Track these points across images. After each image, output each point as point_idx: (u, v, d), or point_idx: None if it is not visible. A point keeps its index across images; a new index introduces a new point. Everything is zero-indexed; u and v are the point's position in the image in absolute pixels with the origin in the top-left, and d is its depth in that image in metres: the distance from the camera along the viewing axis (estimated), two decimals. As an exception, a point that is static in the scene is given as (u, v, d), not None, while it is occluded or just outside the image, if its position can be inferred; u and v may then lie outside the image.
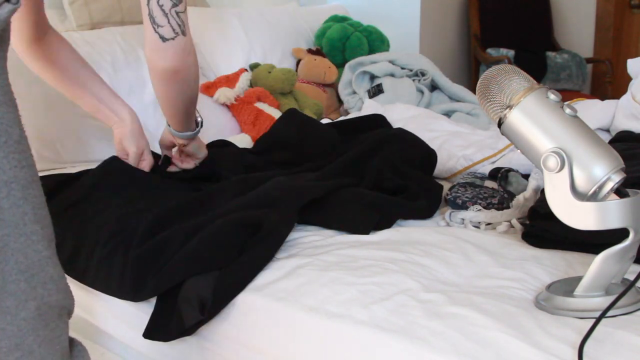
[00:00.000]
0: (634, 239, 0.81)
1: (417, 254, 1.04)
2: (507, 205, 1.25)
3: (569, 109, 0.83)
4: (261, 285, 1.00)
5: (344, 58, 2.52)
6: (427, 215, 1.27)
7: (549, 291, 0.88)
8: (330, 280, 0.97)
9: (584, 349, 0.74)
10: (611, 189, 0.81)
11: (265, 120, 2.05)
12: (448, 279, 0.98)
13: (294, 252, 1.08)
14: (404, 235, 1.15)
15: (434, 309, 0.87)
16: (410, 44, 3.07)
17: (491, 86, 0.86)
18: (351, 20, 2.69)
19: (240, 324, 0.99)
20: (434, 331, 0.82)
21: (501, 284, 0.95)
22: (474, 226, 1.22)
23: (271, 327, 0.95)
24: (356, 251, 1.07)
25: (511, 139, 0.87)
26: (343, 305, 0.90)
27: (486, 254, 1.06)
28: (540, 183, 1.24)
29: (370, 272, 0.98)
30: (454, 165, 1.55)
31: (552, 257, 1.03)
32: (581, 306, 0.83)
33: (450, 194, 1.29)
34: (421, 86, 2.30)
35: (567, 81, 3.47)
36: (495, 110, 0.87)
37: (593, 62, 3.72)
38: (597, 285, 0.83)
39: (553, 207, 0.82)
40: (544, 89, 0.85)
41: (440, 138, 1.66)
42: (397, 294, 0.91)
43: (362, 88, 2.31)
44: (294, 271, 1.01)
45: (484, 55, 3.41)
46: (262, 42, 2.38)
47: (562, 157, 0.80)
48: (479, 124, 2.00)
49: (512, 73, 0.86)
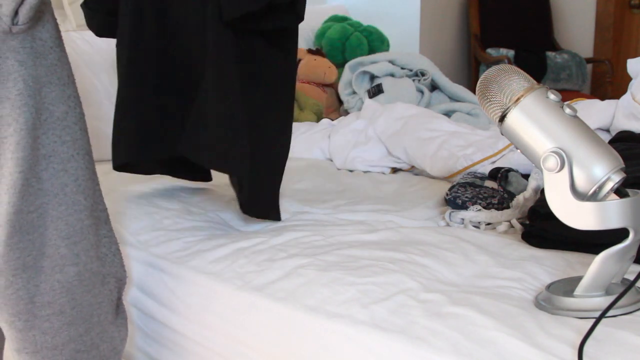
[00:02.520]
0: (634, 239, 0.81)
1: (417, 254, 1.04)
2: (507, 205, 1.25)
3: (569, 109, 0.83)
4: (261, 285, 1.00)
5: (344, 58, 2.52)
6: None
7: (549, 291, 0.88)
8: (330, 280, 0.97)
9: (584, 349, 0.74)
10: (611, 189, 0.81)
11: (265, 120, 2.05)
12: (448, 279, 0.98)
13: (294, 252, 1.08)
14: (404, 235, 1.15)
15: (434, 309, 0.87)
16: (410, 44, 3.07)
17: (491, 86, 0.86)
18: (351, 20, 2.69)
19: (240, 324, 0.99)
20: (434, 331, 0.82)
21: (501, 284, 0.95)
22: (474, 226, 1.22)
23: (271, 327, 0.95)
24: (356, 251, 1.07)
25: (511, 139, 0.87)
26: (343, 305, 0.90)
27: (486, 254, 1.06)
28: (540, 183, 1.24)
29: (370, 272, 0.98)
30: (454, 165, 1.55)
31: (552, 257, 1.03)
32: (581, 306, 0.83)
33: (450, 193, 1.29)
34: (421, 86, 2.29)
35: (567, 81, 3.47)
36: (495, 110, 0.86)
37: (593, 62, 3.72)
38: (597, 285, 0.83)
39: (553, 207, 0.82)
40: (543, 89, 0.85)
41: (440, 138, 1.66)
42: (397, 294, 0.91)
43: (362, 88, 2.31)
44: (294, 271, 1.01)
45: (484, 55, 3.41)
46: (262, 42, 2.38)
47: (562, 157, 0.80)
48: (479, 124, 2.00)
49: (512, 73, 0.86)
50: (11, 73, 0.81)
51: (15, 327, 0.88)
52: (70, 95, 0.89)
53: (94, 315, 0.93)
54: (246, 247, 1.13)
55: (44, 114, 0.85)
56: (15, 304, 0.87)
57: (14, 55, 0.81)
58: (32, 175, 0.84)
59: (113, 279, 0.97)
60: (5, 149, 0.83)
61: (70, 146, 0.88)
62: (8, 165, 0.83)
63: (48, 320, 0.89)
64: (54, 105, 0.86)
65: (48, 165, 0.86)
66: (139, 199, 1.37)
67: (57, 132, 0.86)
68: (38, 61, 0.84)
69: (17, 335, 0.89)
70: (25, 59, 0.82)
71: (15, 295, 0.86)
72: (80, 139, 0.90)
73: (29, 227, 0.85)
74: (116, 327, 0.98)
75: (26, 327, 0.88)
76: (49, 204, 0.86)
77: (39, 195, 0.85)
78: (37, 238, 0.86)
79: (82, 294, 0.91)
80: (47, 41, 0.86)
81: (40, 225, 0.86)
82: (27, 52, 0.82)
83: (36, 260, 0.86)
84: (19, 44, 0.81)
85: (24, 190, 0.84)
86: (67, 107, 0.88)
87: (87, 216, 0.90)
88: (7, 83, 0.81)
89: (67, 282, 0.89)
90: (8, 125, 0.82)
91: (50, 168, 0.86)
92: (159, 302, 1.11)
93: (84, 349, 0.93)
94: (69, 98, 0.89)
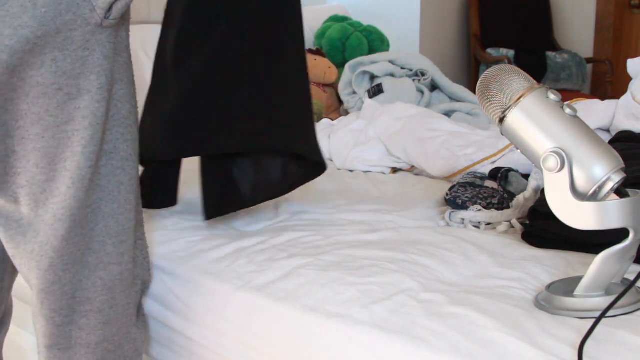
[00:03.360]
0: (634, 239, 0.81)
1: (417, 254, 1.04)
2: (507, 205, 1.25)
3: (569, 109, 0.83)
4: (261, 285, 1.00)
5: (344, 58, 2.52)
6: None
7: (549, 291, 0.88)
8: (330, 280, 0.97)
9: (584, 349, 0.74)
10: (611, 189, 0.81)
11: (265, 120, 2.05)
12: (448, 279, 0.98)
13: (294, 252, 1.08)
14: (404, 235, 1.15)
15: (434, 309, 0.87)
16: (410, 44, 3.07)
17: (491, 86, 0.86)
18: (351, 20, 2.69)
19: (240, 324, 0.99)
20: (434, 331, 0.82)
21: (501, 284, 0.95)
22: (474, 226, 1.22)
23: (271, 327, 0.95)
24: (356, 251, 1.07)
25: (511, 138, 0.87)
26: (343, 305, 0.90)
27: (486, 254, 1.06)
28: (540, 183, 1.24)
29: (370, 272, 0.98)
30: (454, 165, 1.55)
31: (552, 257, 1.03)
32: (581, 306, 0.83)
33: (450, 194, 1.29)
34: (421, 86, 2.29)
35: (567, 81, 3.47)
36: (495, 110, 0.86)
37: (593, 62, 3.72)
38: (597, 285, 0.83)
39: (553, 207, 0.82)
40: (544, 88, 0.85)
41: (441, 138, 1.66)
42: (397, 294, 0.91)
43: (362, 88, 2.30)
44: (294, 271, 1.01)
45: (484, 55, 3.41)
46: (262, 42, 2.38)
47: (562, 157, 0.80)
48: (479, 124, 1.99)
49: (512, 73, 0.86)
50: (96, 67, 0.81)
51: (54, 322, 0.88)
52: (133, 94, 0.90)
53: (125, 315, 0.93)
54: (246, 247, 1.13)
55: (112, 110, 0.85)
56: (59, 300, 0.87)
57: (101, 49, 0.81)
58: (94, 170, 0.84)
59: (140, 281, 0.97)
60: (75, 141, 0.82)
61: (129, 145, 0.88)
62: (76, 158, 0.82)
63: (86, 316, 0.89)
64: (121, 102, 0.87)
65: (108, 161, 0.86)
66: (139, 199, 1.37)
67: (121, 130, 0.87)
68: (116, 58, 0.84)
69: (54, 331, 0.89)
70: (110, 54, 0.82)
71: (60, 291, 0.86)
72: (136, 140, 0.91)
73: (84, 222, 0.85)
74: (138, 329, 0.98)
75: (64, 322, 0.88)
76: (103, 200, 0.86)
77: (96, 190, 0.85)
78: (87, 233, 0.86)
79: (120, 294, 0.91)
80: (125, 39, 0.87)
81: (92, 221, 0.86)
82: (111, 47, 0.82)
83: (83, 255, 0.86)
84: (107, 38, 0.81)
85: (88, 185, 0.84)
86: (131, 106, 0.89)
87: (134, 217, 0.91)
88: (90, 76, 0.81)
89: (109, 281, 0.89)
90: (83, 118, 0.81)
91: (109, 165, 0.86)
92: (158, 302, 1.11)
93: (113, 349, 0.93)
94: (133, 97, 0.90)
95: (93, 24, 0.79)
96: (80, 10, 0.78)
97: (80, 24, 0.78)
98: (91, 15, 0.79)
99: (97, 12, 0.79)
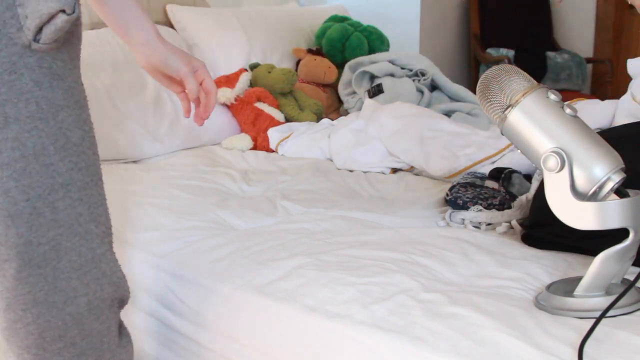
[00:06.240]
0: (634, 239, 0.81)
1: (417, 254, 1.04)
2: (509, 205, 1.25)
3: (569, 109, 0.83)
4: (261, 285, 1.00)
5: (344, 58, 2.52)
6: None
7: (549, 291, 0.88)
8: (330, 280, 0.97)
9: (584, 349, 0.74)
10: (611, 189, 0.81)
11: (265, 120, 2.05)
12: (448, 279, 0.98)
13: (294, 252, 1.08)
14: (404, 235, 1.15)
15: (433, 309, 0.87)
16: (410, 44, 3.07)
17: (491, 86, 0.86)
18: (351, 20, 2.69)
19: (241, 323, 0.99)
20: (434, 331, 0.82)
21: (501, 284, 0.95)
22: (474, 226, 1.22)
23: (271, 327, 0.95)
24: (356, 251, 1.07)
25: (511, 138, 0.87)
26: (343, 305, 0.90)
27: (486, 254, 1.06)
28: (541, 184, 1.24)
29: (370, 272, 0.98)
30: (454, 165, 1.55)
31: (552, 257, 1.03)
32: (581, 306, 0.83)
33: (450, 194, 1.29)
34: (421, 86, 2.29)
35: (567, 81, 3.47)
36: (496, 110, 0.86)
37: (593, 62, 3.72)
38: (597, 286, 0.83)
39: (553, 207, 0.82)
40: (544, 88, 0.85)
41: (441, 138, 1.66)
42: (397, 294, 0.91)
43: (362, 88, 2.30)
44: (294, 271, 1.01)
45: (484, 55, 3.41)
46: (262, 42, 2.38)
47: (562, 157, 0.80)
48: (479, 124, 1.99)
49: (512, 73, 0.86)
50: (24, 93, 0.74)
51: (24, 359, 0.84)
52: (85, 119, 0.83)
53: (104, 342, 0.89)
54: (246, 247, 1.13)
55: (60, 140, 0.78)
56: (25, 338, 0.82)
57: (30, 73, 0.74)
58: (45, 205, 0.78)
59: (117, 302, 0.92)
60: (5, 176, 0.75)
61: (85, 173, 0.82)
62: (11, 193, 0.76)
63: (59, 353, 0.84)
64: (70, 130, 0.80)
65: (65, 194, 0.80)
66: (138, 198, 1.37)
67: (74, 159, 0.80)
68: (55, 83, 0.77)
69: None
70: (42, 79, 0.75)
71: (24, 330, 0.82)
72: (93, 165, 0.84)
73: (41, 261, 0.79)
74: (123, 348, 0.94)
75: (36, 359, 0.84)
76: (63, 235, 0.80)
77: (53, 226, 0.79)
78: (49, 272, 0.80)
79: (91, 323, 0.86)
80: (68, 62, 0.80)
81: (53, 259, 0.80)
82: (44, 72, 0.76)
83: (48, 296, 0.81)
84: (36, 62, 0.75)
85: (33, 221, 0.77)
86: (82, 131, 0.82)
87: (98, 244, 0.85)
88: (18, 103, 0.74)
89: (77, 314, 0.84)
90: (12, 150, 0.74)
91: (67, 198, 0.80)
92: (158, 301, 1.11)
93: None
94: (85, 122, 0.83)
95: (20, 44, 0.72)
96: (5, 28, 0.71)
97: (5, 43, 0.71)
98: (18, 35, 0.72)
99: (25, 33, 0.72)
